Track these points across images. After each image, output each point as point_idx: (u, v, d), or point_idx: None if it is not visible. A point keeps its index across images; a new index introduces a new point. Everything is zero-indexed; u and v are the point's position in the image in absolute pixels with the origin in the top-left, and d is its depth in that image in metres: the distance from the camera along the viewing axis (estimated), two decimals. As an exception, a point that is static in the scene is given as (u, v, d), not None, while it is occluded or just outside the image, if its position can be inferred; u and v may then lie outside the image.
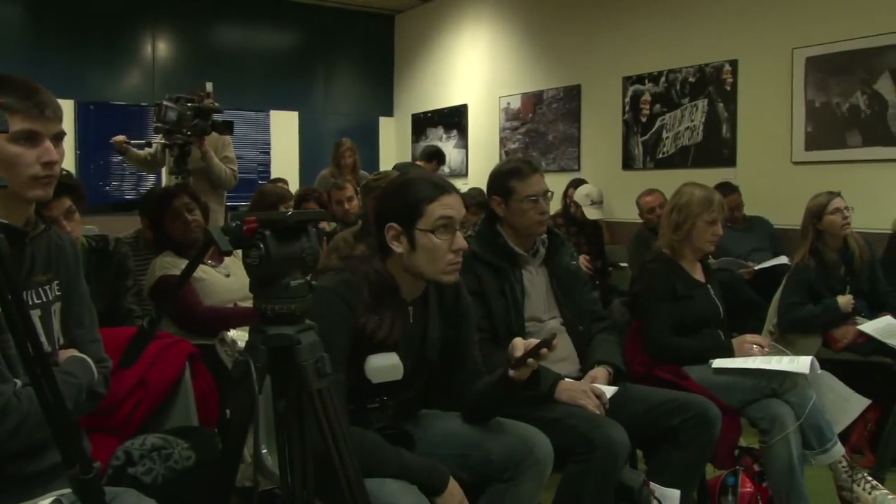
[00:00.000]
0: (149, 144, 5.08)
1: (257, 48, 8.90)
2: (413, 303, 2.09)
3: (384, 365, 1.96)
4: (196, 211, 3.43)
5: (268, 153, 8.86)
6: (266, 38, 9.04)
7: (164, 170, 5.30)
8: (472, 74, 8.61)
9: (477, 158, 8.48)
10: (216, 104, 4.68)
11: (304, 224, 1.49)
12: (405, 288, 2.05)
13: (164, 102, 4.43)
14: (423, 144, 9.22)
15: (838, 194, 3.80)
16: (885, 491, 2.79)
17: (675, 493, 2.46)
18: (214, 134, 4.64)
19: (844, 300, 3.73)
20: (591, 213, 5.66)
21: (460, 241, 1.99)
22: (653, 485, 2.46)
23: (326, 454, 1.51)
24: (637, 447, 2.76)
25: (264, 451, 2.16)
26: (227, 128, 4.64)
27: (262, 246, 1.43)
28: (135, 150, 5.05)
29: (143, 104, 7.84)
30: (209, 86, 4.83)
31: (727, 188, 5.12)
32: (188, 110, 4.43)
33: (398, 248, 1.98)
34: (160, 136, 4.62)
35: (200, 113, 4.46)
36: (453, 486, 1.94)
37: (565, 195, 6.06)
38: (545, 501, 2.22)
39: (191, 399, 2.43)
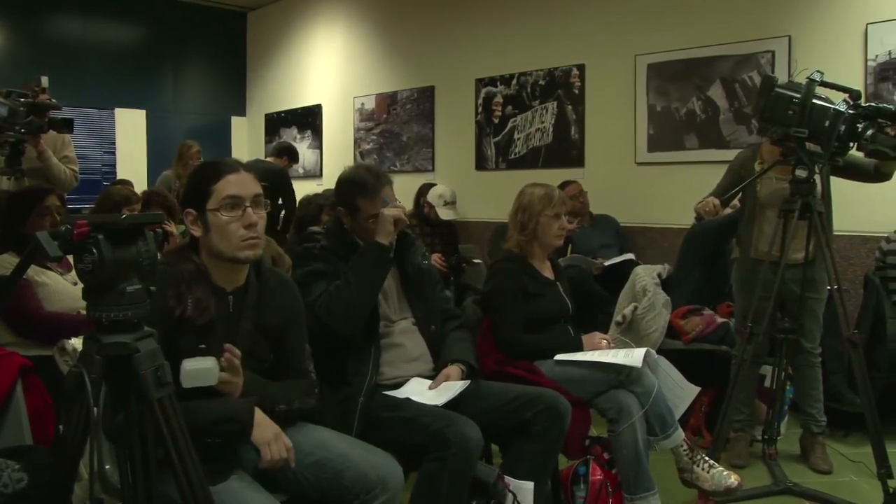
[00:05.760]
0: (-26, 142, 4.72)
1: (100, 42, 8.44)
2: (234, 292, 2.10)
3: (195, 368, 1.83)
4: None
5: (113, 153, 8.47)
6: (110, 31, 8.60)
7: (-7, 170, 4.96)
8: (327, 74, 8.53)
9: (331, 159, 8.41)
10: (53, 100, 4.41)
11: (140, 227, 1.43)
12: (221, 275, 2.08)
13: (-7, 97, 4.15)
14: (276, 145, 9.06)
15: None
16: (721, 469, 2.97)
17: (529, 485, 2.53)
18: (53, 132, 4.38)
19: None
20: (445, 214, 5.73)
21: (251, 217, 2.04)
22: (507, 478, 2.51)
23: (169, 465, 1.45)
24: (492, 442, 2.82)
25: (108, 466, 2.05)
26: (65, 126, 4.39)
27: (95, 251, 1.37)
28: (-42, 148, 4.68)
29: (-31, 99, 7.28)
30: (44, 80, 4.52)
31: (566, 183, 5.36)
32: (21, 106, 4.15)
33: (196, 231, 2.05)
34: (-11, 133, 4.32)
35: (35, 109, 4.19)
36: (261, 418, 1.97)
37: (418, 200, 6.06)
38: (402, 500, 2.23)
39: (23, 416, 2.30)
